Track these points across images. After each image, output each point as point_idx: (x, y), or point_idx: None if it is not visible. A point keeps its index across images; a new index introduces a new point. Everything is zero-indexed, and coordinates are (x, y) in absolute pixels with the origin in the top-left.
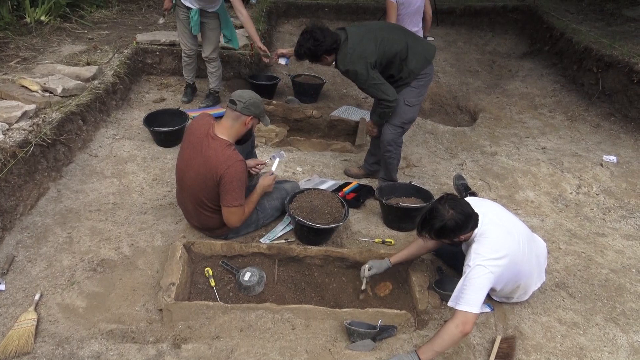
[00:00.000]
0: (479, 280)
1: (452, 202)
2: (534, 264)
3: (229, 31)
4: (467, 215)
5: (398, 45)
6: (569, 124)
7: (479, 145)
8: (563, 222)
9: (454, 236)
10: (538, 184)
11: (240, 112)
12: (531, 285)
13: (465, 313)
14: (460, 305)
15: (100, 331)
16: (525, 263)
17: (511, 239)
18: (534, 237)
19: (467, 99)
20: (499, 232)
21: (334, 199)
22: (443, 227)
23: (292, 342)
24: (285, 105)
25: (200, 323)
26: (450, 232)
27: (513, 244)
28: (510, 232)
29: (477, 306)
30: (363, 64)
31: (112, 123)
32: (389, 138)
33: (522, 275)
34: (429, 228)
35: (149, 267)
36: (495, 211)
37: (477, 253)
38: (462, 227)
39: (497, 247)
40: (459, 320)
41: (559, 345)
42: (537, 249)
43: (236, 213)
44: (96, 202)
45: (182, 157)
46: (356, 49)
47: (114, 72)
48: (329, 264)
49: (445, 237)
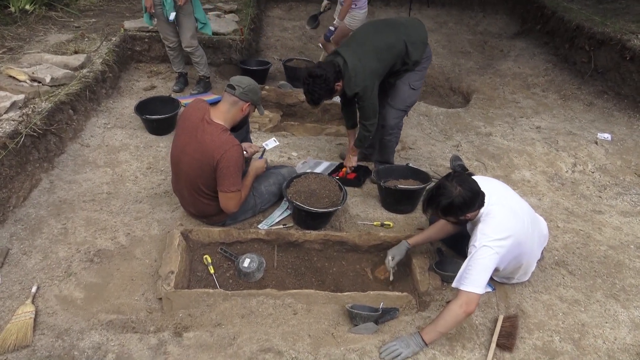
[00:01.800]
0: (484, 261)
1: (460, 179)
2: (536, 244)
3: (202, 15)
4: (474, 192)
5: (397, 46)
6: (562, 102)
7: (474, 126)
8: (560, 200)
9: (461, 214)
10: (534, 164)
11: (238, 97)
12: (531, 266)
13: (468, 293)
14: (465, 286)
15: (99, 322)
16: (528, 243)
17: (516, 219)
18: (536, 217)
19: (460, 80)
20: (504, 212)
21: (331, 182)
22: (450, 204)
23: (294, 327)
24: (278, 90)
25: (201, 311)
26: (458, 209)
27: (518, 224)
28: (515, 212)
29: (482, 287)
30: (369, 82)
31: (103, 112)
32: (392, 123)
33: (524, 256)
34: (435, 205)
35: (146, 256)
36: (500, 190)
37: (483, 233)
38: (470, 205)
39: (502, 228)
40: (462, 301)
41: (561, 322)
42: (540, 229)
43: (233, 198)
44: (90, 192)
45: (177, 144)
46: (358, 70)
47: (102, 61)
48: (329, 248)
49: (452, 214)
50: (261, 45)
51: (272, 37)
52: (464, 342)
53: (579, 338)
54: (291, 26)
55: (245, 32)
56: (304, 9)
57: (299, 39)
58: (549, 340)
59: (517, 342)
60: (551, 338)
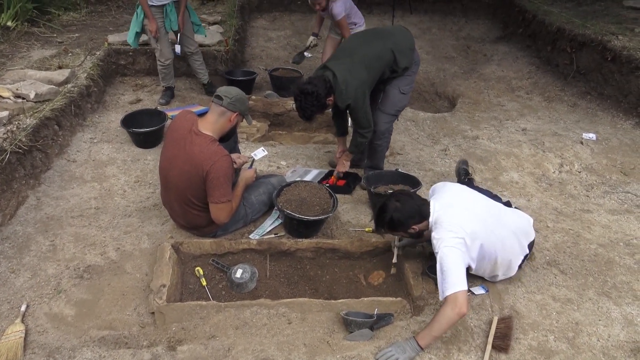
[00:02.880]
0: (451, 259)
1: (399, 196)
2: (510, 237)
3: (196, 18)
4: (412, 205)
5: (384, 56)
6: (547, 104)
7: (460, 130)
8: (548, 200)
9: (406, 227)
10: (521, 165)
11: (226, 108)
12: (512, 260)
13: (454, 294)
14: (448, 290)
15: (91, 339)
16: (492, 237)
17: (469, 216)
18: (506, 211)
19: (445, 85)
20: (452, 213)
21: (321, 190)
22: (391, 220)
23: (289, 336)
24: (265, 100)
25: (195, 324)
26: (400, 223)
27: (470, 221)
28: (468, 209)
29: (462, 283)
30: (360, 93)
31: (89, 127)
32: (383, 128)
33: (495, 250)
34: (381, 223)
35: (137, 270)
36: (450, 195)
37: (437, 239)
38: (409, 217)
39: (453, 227)
40: (452, 302)
41: (555, 322)
42: (514, 223)
43: (224, 209)
44: (78, 208)
45: (165, 156)
46: (349, 82)
47: (87, 75)
48: (321, 256)
49: (399, 229)
50: (246, 55)
51: (257, 48)
52: (460, 345)
53: (573, 337)
54: (276, 36)
55: (230, 43)
56: (288, 19)
57: (284, 49)
58: (543, 340)
59: (512, 343)
60: (546, 338)
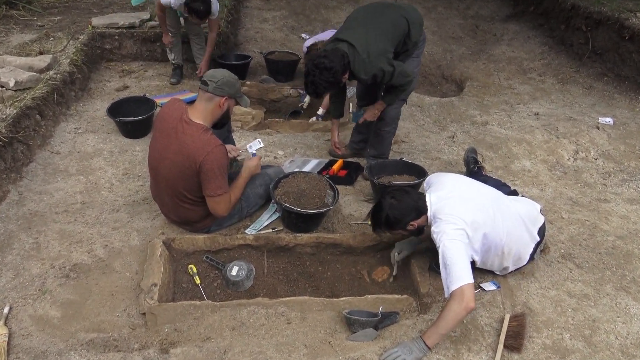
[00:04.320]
0: (454, 252)
1: (393, 193)
2: (517, 224)
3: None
4: (408, 201)
5: (401, 24)
6: (561, 87)
7: (469, 115)
8: (563, 190)
9: (404, 224)
10: (534, 152)
11: (212, 93)
12: (522, 248)
13: (460, 289)
14: (453, 285)
15: (79, 342)
16: (497, 225)
17: (468, 205)
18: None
19: (452, 67)
20: (450, 204)
21: (321, 181)
22: (387, 218)
23: (289, 337)
24: (260, 85)
25: (188, 325)
26: (396, 220)
27: (469, 210)
28: (466, 198)
29: (467, 276)
30: (385, 61)
31: (73, 116)
32: (393, 114)
33: (500, 239)
34: (378, 222)
35: (126, 268)
36: (446, 185)
37: (438, 232)
38: (407, 214)
39: (453, 218)
40: (458, 297)
41: (570, 319)
42: (518, 209)
43: (222, 202)
44: (63, 203)
45: (154, 147)
46: (371, 49)
47: (70, 61)
48: (322, 252)
49: (396, 227)
50: (240, 38)
51: (251, 29)
52: (470, 344)
53: (590, 334)
54: (271, 17)
55: (223, 24)
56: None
57: (280, 30)
58: (558, 338)
59: (525, 342)
60: (561, 336)
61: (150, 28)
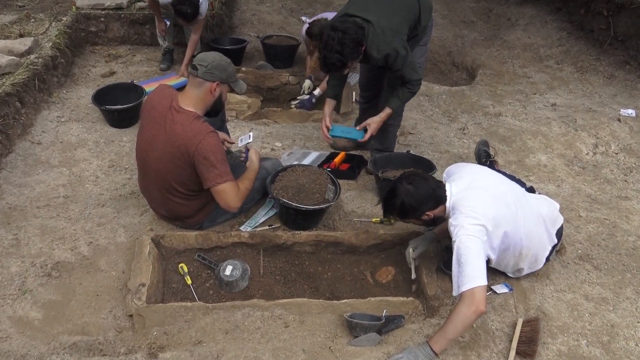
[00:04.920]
0: (470, 250)
1: (411, 178)
2: (538, 224)
3: None
4: (426, 189)
5: (413, 6)
6: (580, 76)
7: (481, 105)
8: (581, 186)
9: (419, 214)
10: (550, 146)
11: (202, 78)
12: (540, 250)
13: (471, 290)
14: (465, 285)
15: (61, 345)
16: (517, 225)
17: (491, 199)
18: (532, 197)
19: (463, 54)
20: (472, 197)
21: (322, 175)
22: (402, 205)
23: (286, 341)
24: (257, 71)
25: (179, 328)
26: (412, 209)
27: (492, 206)
28: (489, 192)
29: (481, 277)
30: (399, 41)
31: (56, 103)
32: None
33: (519, 239)
34: (390, 209)
35: (112, 267)
36: (469, 176)
37: (455, 226)
38: (423, 203)
39: (473, 212)
40: (468, 300)
41: (588, 324)
42: (540, 208)
43: (230, 190)
44: (44, 197)
45: (143, 137)
46: (385, 28)
47: (52, 44)
48: (322, 251)
49: (411, 216)
50: (235, 21)
51: (247, 12)
52: (480, 350)
53: (608, 341)
54: None
55: (217, 6)
56: None
57: (279, 13)
58: (575, 344)
59: (539, 348)
60: (577, 342)
61: (139, 9)
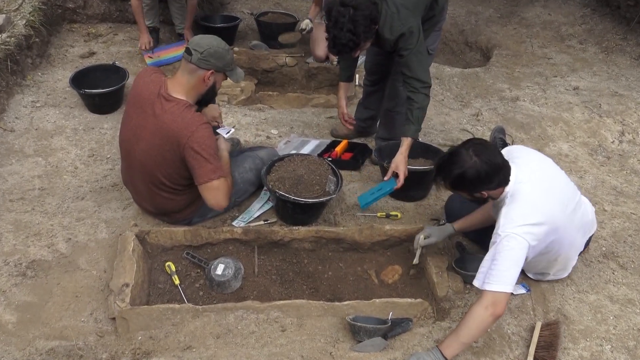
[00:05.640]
0: (512, 252)
1: (479, 148)
2: (580, 233)
3: None
4: (494, 166)
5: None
6: (605, 57)
7: (496, 89)
8: (606, 178)
9: (474, 189)
10: (572, 133)
11: (196, 65)
12: (572, 259)
13: (495, 293)
14: (490, 284)
15: (37, 351)
16: (567, 231)
17: (552, 201)
18: (582, 200)
19: (477, 32)
20: (536, 192)
21: (322, 165)
22: (461, 176)
23: (283, 347)
24: (250, 52)
25: (166, 332)
26: (470, 183)
27: (554, 207)
28: (552, 191)
29: (511, 284)
30: (414, 21)
31: (30, 87)
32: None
33: (562, 247)
34: (445, 174)
35: (93, 266)
36: (535, 165)
37: (508, 218)
38: (486, 180)
39: (533, 211)
40: (488, 302)
41: (612, 328)
42: (585, 215)
43: (222, 187)
44: (18, 189)
45: (127, 125)
46: (399, 5)
47: (26, 22)
48: (322, 248)
49: (464, 188)
50: None
51: None
52: (494, 356)
53: (634, 346)
54: None
55: None
56: None
57: None
58: (598, 350)
59: (559, 354)
60: (601, 347)
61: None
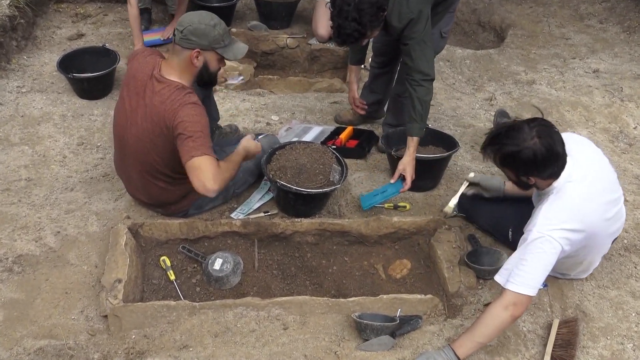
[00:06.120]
0: (543, 255)
1: (543, 130)
2: (611, 238)
3: None
4: (553, 153)
5: None
6: (627, 37)
7: (511, 72)
8: (627, 166)
9: (524, 172)
10: (592, 119)
11: (180, 45)
12: (595, 262)
13: (518, 295)
14: (514, 285)
15: (25, 351)
16: (601, 237)
17: (596, 207)
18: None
19: (491, 11)
20: (582, 196)
21: (326, 153)
22: (514, 154)
23: (285, 346)
24: (249, 33)
25: (161, 330)
26: (522, 164)
27: (596, 214)
28: (599, 196)
29: (536, 288)
30: (425, 13)
31: (15, 71)
32: None
33: (591, 251)
34: (498, 147)
35: (84, 261)
36: (590, 164)
37: (547, 217)
38: (539, 166)
39: (574, 216)
40: (509, 301)
41: (634, 325)
42: (619, 220)
43: (206, 165)
44: (3, 180)
45: (122, 110)
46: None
47: (10, 2)
48: (326, 241)
49: (513, 167)
50: None
51: None
52: (509, 355)
53: None
54: None
55: None
56: None
57: None
58: (619, 348)
59: (577, 352)
60: (622, 346)
61: None
